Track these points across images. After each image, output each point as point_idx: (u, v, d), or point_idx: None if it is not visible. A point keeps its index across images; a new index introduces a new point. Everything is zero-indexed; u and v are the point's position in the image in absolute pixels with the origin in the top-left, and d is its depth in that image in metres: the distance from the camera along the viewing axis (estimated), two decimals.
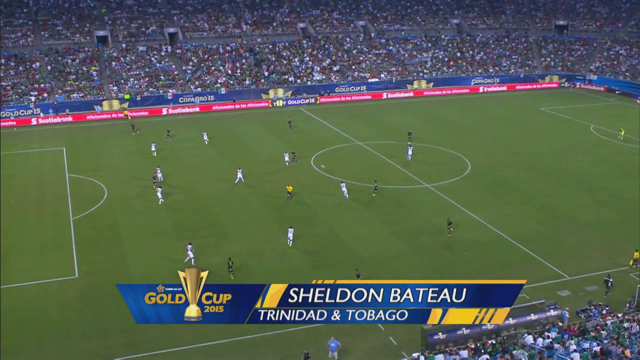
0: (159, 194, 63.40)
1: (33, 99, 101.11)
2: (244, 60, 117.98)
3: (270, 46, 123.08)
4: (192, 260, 50.94)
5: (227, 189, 67.35)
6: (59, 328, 42.62)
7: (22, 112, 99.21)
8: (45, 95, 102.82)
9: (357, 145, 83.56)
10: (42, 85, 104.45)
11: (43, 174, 73.58)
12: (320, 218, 59.85)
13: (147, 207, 62.89)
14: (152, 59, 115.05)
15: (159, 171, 69.27)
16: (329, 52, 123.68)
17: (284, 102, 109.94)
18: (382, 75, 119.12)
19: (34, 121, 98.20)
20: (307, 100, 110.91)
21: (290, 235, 53.41)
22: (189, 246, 51.18)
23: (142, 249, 53.74)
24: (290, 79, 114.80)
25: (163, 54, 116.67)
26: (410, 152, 75.49)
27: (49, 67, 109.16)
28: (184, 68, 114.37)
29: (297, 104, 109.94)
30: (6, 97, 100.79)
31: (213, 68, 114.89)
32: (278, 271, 49.67)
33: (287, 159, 74.20)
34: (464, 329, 38.74)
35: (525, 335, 38.34)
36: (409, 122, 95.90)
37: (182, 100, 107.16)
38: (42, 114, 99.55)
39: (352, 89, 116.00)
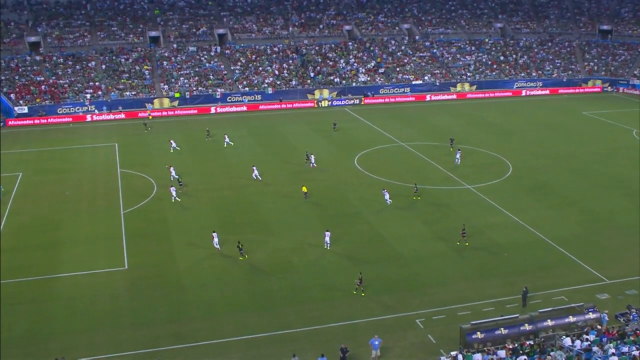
0: (172, 193, 63.57)
1: (88, 96, 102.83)
2: (290, 61, 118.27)
3: (317, 48, 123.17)
4: (218, 247, 52.30)
5: (272, 186, 67.55)
6: (109, 317, 43.23)
7: (78, 109, 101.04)
8: (100, 93, 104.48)
9: (400, 146, 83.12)
10: (96, 84, 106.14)
11: (96, 168, 74.70)
12: (362, 216, 59.65)
13: (195, 203, 63.45)
14: (202, 59, 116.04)
15: (172, 170, 69.75)
16: (374, 54, 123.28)
17: (329, 103, 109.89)
18: (426, 78, 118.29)
19: (88, 118, 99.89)
20: (352, 101, 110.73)
21: (327, 238, 53.07)
22: (214, 234, 52.55)
23: (189, 243, 54.18)
24: (335, 80, 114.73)
25: (212, 54, 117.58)
26: (458, 156, 74.70)
27: (103, 66, 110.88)
28: (232, 68, 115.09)
29: (342, 105, 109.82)
30: (63, 94, 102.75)
31: (260, 68, 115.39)
32: (320, 267, 49.66)
33: (312, 161, 74.29)
34: (502, 329, 38.28)
35: (564, 337, 37.71)
36: (452, 124, 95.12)
37: (230, 99, 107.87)
38: (96, 111, 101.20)
39: (396, 90, 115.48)
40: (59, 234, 56.38)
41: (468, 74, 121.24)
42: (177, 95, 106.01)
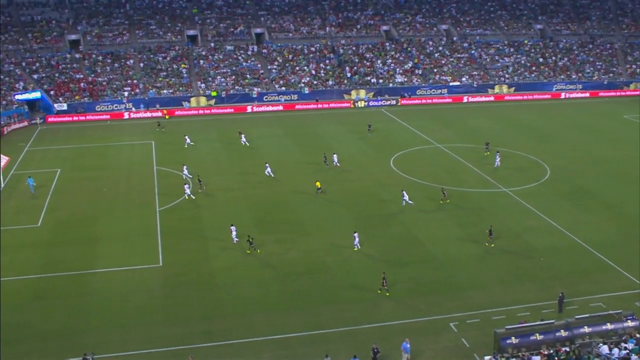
0: (187, 190, 64.25)
1: (126, 94, 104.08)
2: (327, 61, 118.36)
3: (354, 48, 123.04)
4: (235, 240, 53.72)
5: (307, 186, 67.54)
6: (142, 313, 43.67)
7: (116, 107, 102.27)
8: (137, 91, 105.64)
9: (437, 147, 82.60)
10: (134, 82, 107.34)
11: (133, 165, 75.49)
12: (397, 218, 59.40)
13: (230, 201, 63.81)
14: (239, 57, 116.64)
15: (185, 169, 70.21)
16: (411, 55, 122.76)
17: (366, 103, 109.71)
18: (464, 79, 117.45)
19: (126, 115, 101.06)
20: (389, 102, 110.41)
21: (356, 240, 53.11)
22: (232, 227, 53.81)
23: (224, 241, 54.41)
24: (372, 80, 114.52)
25: (249, 53, 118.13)
26: (498, 159, 73.91)
27: (141, 65, 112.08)
28: (269, 67, 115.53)
29: (378, 105, 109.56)
30: (102, 92, 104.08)
31: (297, 68, 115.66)
32: (353, 268, 49.48)
33: (336, 160, 74.20)
34: (537, 334, 37.76)
35: (601, 344, 37.09)
36: (489, 126, 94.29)
37: (266, 98, 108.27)
38: (133, 109, 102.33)
39: (433, 91, 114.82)
40: (95, 230, 57.12)
41: (506, 75, 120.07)
42: (213, 94, 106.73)
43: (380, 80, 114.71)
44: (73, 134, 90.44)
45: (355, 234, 53.11)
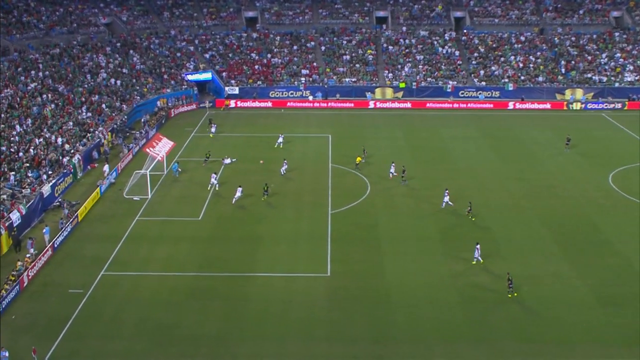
0: (213, 180, 68.66)
1: (303, 80, 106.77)
2: (538, 53, 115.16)
3: (573, 38, 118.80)
4: (234, 200, 62.84)
5: (504, 198, 66.03)
6: (303, 326, 44.57)
7: (291, 94, 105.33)
8: (316, 77, 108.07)
9: None
10: (314, 64, 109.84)
11: (305, 160, 77.40)
12: (614, 246, 56.61)
13: (412, 208, 63.79)
14: (434, 44, 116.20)
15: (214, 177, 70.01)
16: None
17: (583, 106, 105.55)
18: None
19: (301, 104, 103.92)
20: (612, 105, 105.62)
21: (477, 252, 52.42)
22: (239, 188, 63.13)
23: (402, 254, 54.53)
24: (593, 78, 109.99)
25: (447, 38, 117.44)
26: None
27: (322, 48, 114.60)
28: (467, 57, 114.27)
29: (598, 109, 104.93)
30: (277, 76, 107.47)
31: (502, 60, 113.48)
32: (552, 302, 47.44)
33: (392, 171, 71.74)
34: None
35: None
36: None
37: (462, 94, 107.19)
38: (311, 97, 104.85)
39: None
40: (259, 229, 59.13)
41: None
42: (401, 85, 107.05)
43: (604, 79, 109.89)
44: (243, 121, 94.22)
45: (478, 246, 52.60)
